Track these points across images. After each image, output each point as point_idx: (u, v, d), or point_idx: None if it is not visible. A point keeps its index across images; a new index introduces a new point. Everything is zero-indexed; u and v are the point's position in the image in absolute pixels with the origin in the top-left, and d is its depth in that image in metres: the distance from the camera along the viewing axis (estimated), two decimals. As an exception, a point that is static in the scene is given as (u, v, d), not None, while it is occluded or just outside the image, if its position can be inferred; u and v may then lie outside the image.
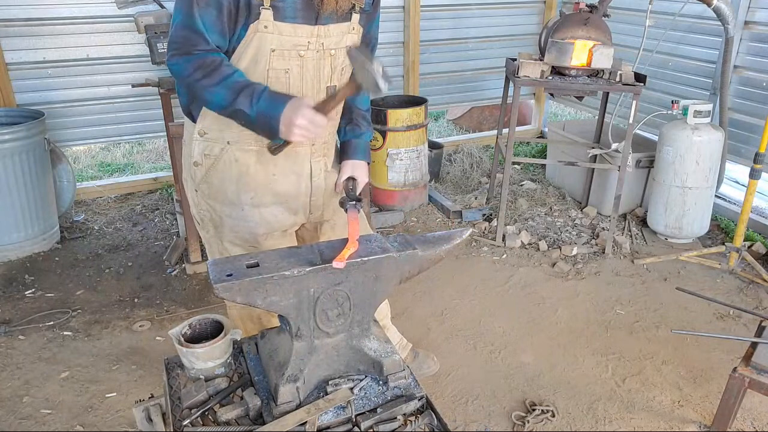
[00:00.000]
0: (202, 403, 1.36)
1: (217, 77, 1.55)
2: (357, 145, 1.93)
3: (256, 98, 1.53)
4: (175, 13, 1.57)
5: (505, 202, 3.72)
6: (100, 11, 3.82)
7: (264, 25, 1.56)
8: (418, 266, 1.41)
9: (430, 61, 4.90)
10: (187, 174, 1.84)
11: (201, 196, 1.82)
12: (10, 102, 3.72)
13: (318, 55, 1.66)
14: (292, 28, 1.59)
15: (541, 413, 2.35)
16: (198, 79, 1.55)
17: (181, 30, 1.55)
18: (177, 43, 1.57)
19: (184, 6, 1.54)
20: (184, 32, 1.55)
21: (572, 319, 2.99)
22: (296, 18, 1.58)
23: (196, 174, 1.79)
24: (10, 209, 3.35)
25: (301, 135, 1.53)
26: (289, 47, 1.61)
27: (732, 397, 2.03)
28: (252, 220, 1.80)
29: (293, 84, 1.66)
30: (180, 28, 1.56)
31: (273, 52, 1.60)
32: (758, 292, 3.21)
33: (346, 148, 1.94)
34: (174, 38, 1.57)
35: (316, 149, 1.82)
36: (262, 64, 1.61)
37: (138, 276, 3.33)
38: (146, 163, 5.31)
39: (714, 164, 3.53)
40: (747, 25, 3.74)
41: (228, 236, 1.84)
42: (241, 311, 1.99)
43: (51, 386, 2.48)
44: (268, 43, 1.59)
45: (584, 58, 3.36)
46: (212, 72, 1.55)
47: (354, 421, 1.31)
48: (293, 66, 1.64)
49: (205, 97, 1.59)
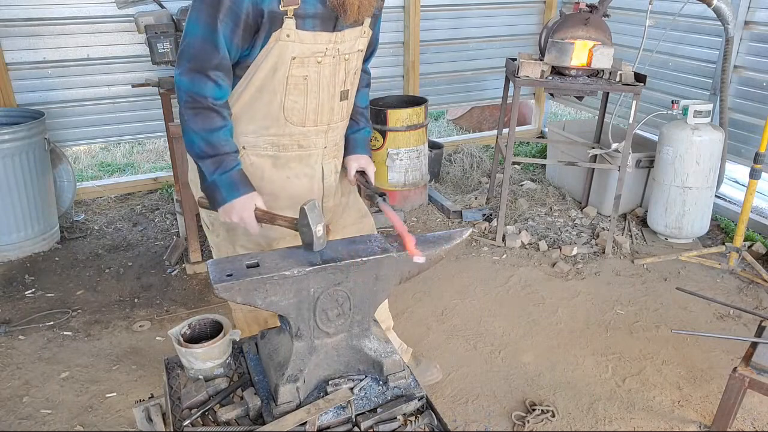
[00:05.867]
0: (202, 403, 1.36)
1: (204, 125, 1.58)
2: (356, 140, 1.96)
3: (220, 172, 1.60)
4: (191, 23, 1.54)
5: (505, 202, 3.71)
6: (100, 11, 3.82)
7: (286, 34, 1.57)
8: (418, 266, 1.41)
9: (430, 61, 4.90)
10: (197, 178, 1.85)
11: None
12: (10, 102, 3.72)
13: (334, 60, 1.68)
14: (313, 36, 1.60)
15: (541, 413, 2.35)
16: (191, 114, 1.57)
17: (200, 42, 1.53)
18: (193, 56, 1.54)
19: (206, 17, 1.51)
20: (204, 45, 1.53)
21: (572, 319, 2.99)
22: (316, 26, 1.60)
23: None
24: (10, 209, 3.35)
25: (229, 221, 1.64)
26: (309, 54, 1.62)
27: (732, 397, 2.03)
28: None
29: (311, 89, 1.68)
30: (199, 40, 1.53)
31: (293, 60, 1.61)
32: (758, 292, 3.21)
33: (346, 144, 1.96)
34: (189, 50, 1.54)
35: (328, 151, 1.84)
36: (281, 72, 1.62)
37: (138, 276, 3.33)
38: (146, 163, 5.31)
39: (714, 164, 3.53)
40: (747, 25, 3.74)
41: (241, 240, 1.84)
42: (246, 315, 1.99)
43: (51, 386, 2.48)
44: (289, 52, 1.60)
45: (584, 58, 3.36)
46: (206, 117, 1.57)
47: (354, 421, 1.31)
48: (311, 72, 1.66)
49: (185, 132, 1.61)
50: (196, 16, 1.53)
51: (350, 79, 1.77)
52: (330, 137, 1.81)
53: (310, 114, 1.71)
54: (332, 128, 1.80)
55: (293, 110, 1.68)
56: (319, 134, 1.77)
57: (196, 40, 1.53)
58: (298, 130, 1.72)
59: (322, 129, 1.76)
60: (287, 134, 1.72)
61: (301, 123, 1.71)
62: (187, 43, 1.55)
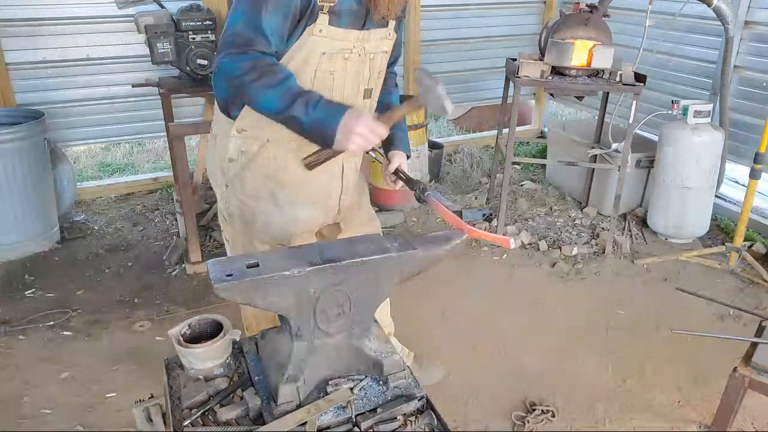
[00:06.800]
0: (202, 403, 1.36)
1: (272, 80, 1.53)
2: (401, 138, 1.99)
3: (312, 106, 1.52)
4: (234, 15, 1.54)
5: (505, 202, 3.71)
6: (100, 11, 3.81)
7: (319, 29, 1.58)
8: (418, 266, 1.41)
9: (430, 61, 4.89)
10: (217, 169, 1.85)
11: (232, 192, 1.83)
12: (10, 102, 3.72)
13: (360, 58, 1.70)
14: (343, 33, 1.62)
15: (541, 413, 2.35)
16: (252, 80, 1.52)
17: (242, 29, 1.52)
18: (234, 42, 1.53)
19: (250, 8, 1.52)
20: (246, 31, 1.52)
21: (572, 319, 2.99)
22: (347, 24, 1.62)
23: (230, 170, 1.80)
24: (10, 209, 3.35)
25: (357, 144, 1.54)
26: (337, 51, 1.64)
27: (732, 397, 2.03)
28: (286, 218, 1.83)
29: (336, 86, 1.70)
30: (241, 26, 1.52)
31: (323, 55, 1.63)
32: (758, 292, 3.21)
33: (392, 139, 1.98)
34: (231, 37, 1.54)
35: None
36: (311, 66, 1.64)
37: (138, 276, 3.33)
38: (146, 163, 5.31)
39: (714, 164, 3.53)
40: (747, 25, 3.74)
41: (259, 234, 1.85)
42: (255, 310, 2.00)
43: (51, 386, 2.48)
44: (320, 47, 1.61)
45: (584, 58, 3.36)
46: (267, 74, 1.53)
47: (354, 421, 1.31)
48: (338, 68, 1.68)
49: (257, 100, 1.56)
50: (243, 7, 1.53)
51: (374, 78, 1.80)
52: None
53: None
54: None
55: None
56: None
57: (238, 26, 1.53)
58: None
59: None
60: None
61: None
62: (229, 32, 1.54)
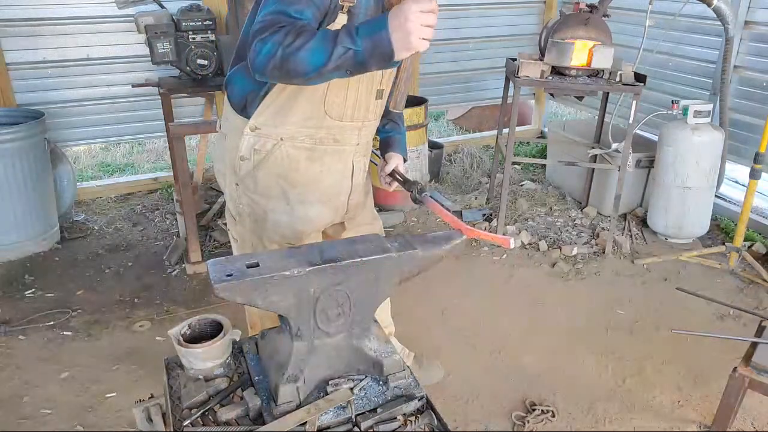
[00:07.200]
0: (202, 403, 1.36)
1: (309, 34, 1.44)
2: (399, 140, 2.06)
3: (355, 32, 1.41)
4: (264, 7, 1.50)
5: (505, 202, 3.72)
6: (100, 11, 3.81)
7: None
8: (418, 266, 1.41)
9: (430, 61, 4.89)
10: (227, 168, 1.85)
11: (243, 190, 1.83)
12: (10, 102, 3.72)
13: None
14: None
15: (541, 413, 2.35)
16: (290, 42, 1.43)
17: (271, 15, 1.47)
18: (265, 27, 1.46)
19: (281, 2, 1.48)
20: (277, 16, 1.46)
21: (572, 319, 2.99)
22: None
23: (241, 168, 1.80)
24: (10, 209, 3.35)
25: (422, 31, 1.39)
26: None
27: (732, 397, 2.03)
28: (297, 217, 1.84)
29: (351, 85, 1.71)
30: (270, 14, 1.47)
31: None
32: (758, 292, 3.21)
33: (390, 142, 2.06)
34: (262, 24, 1.47)
35: (360, 148, 1.89)
36: None
37: (138, 276, 3.33)
38: (146, 163, 5.31)
39: (714, 164, 3.53)
40: (747, 25, 3.74)
41: (269, 232, 1.86)
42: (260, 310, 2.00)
43: (51, 386, 2.48)
44: None
45: (584, 58, 3.36)
46: (303, 32, 1.45)
47: (354, 421, 1.31)
48: None
49: (305, 59, 1.44)
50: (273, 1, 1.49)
51: (386, 79, 1.80)
52: (363, 135, 1.86)
53: (348, 109, 1.74)
54: (366, 126, 1.84)
55: (333, 104, 1.71)
56: (354, 130, 1.81)
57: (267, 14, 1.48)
58: (336, 124, 1.76)
59: (356, 125, 1.80)
60: (325, 127, 1.75)
61: (339, 117, 1.75)
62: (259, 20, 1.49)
